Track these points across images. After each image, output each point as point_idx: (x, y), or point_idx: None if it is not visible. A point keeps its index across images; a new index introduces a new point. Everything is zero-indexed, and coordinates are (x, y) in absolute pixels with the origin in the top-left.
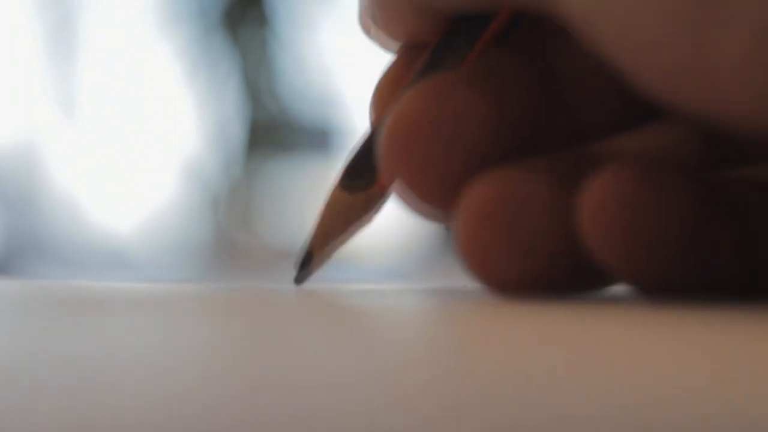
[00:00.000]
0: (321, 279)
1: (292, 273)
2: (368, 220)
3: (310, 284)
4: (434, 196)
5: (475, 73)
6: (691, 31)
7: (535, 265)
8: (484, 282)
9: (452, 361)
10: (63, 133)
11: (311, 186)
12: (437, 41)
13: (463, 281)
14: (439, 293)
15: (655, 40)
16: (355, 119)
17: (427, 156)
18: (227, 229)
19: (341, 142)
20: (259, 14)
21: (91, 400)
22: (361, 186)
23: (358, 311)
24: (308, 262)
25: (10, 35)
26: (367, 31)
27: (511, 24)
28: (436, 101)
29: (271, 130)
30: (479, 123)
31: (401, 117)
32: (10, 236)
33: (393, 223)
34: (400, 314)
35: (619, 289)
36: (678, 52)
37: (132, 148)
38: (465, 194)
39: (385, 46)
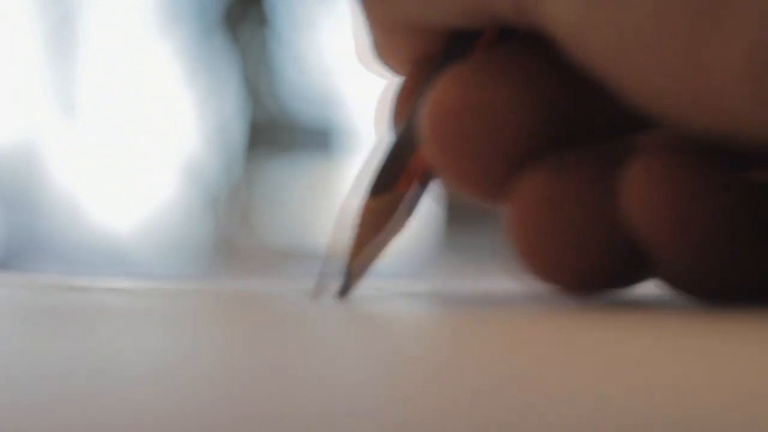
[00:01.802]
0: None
1: (292, 272)
2: (400, 225)
3: (308, 283)
4: (479, 184)
5: (497, 62)
6: (688, 47)
7: (588, 254)
8: (537, 273)
9: (453, 363)
10: (63, 133)
11: (311, 186)
12: (439, 55)
13: (463, 282)
14: (438, 293)
15: (650, 58)
16: (355, 119)
17: (472, 144)
18: (227, 229)
19: (341, 142)
20: (259, 14)
21: (90, 399)
22: (385, 188)
23: (358, 311)
24: (348, 278)
25: (10, 35)
26: (378, 61)
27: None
28: (472, 88)
29: (271, 130)
30: (516, 108)
31: (440, 105)
32: (10, 236)
33: None
34: (400, 315)
35: (631, 297)
36: (675, 69)
37: (132, 148)
38: (516, 186)
39: (398, 72)
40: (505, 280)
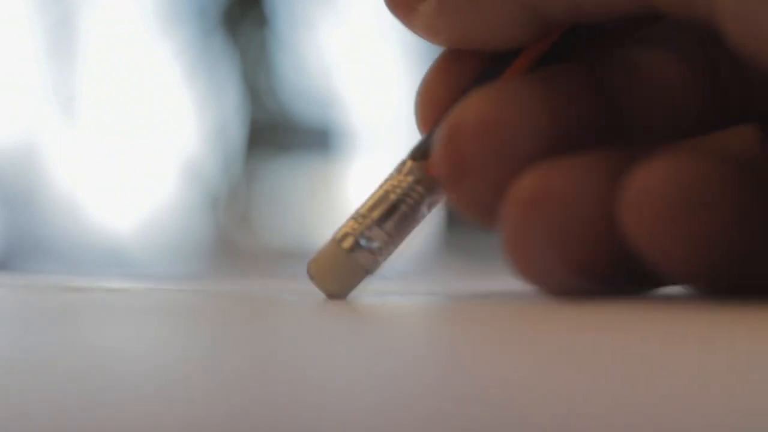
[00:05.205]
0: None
1: (292, 272)
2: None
3: (309, 283)
4: (480, 203)
5: (530, 81)
6: None
7: (578, 255)
8: (526, 275)
9: (453, 363)
10: (63, 133)
11: (311, 186)
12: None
13: (463, 282)
14: (438, 293)
15: None
16: (355, 119)
17: (481, 162)
18: (227, 229)
19: (341, 142)
20: (259, 14)
21: (89, 398)
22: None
23: (358, 311)
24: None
25: (10, 35)
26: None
27: (562, 41)
28: (493, 108)
29: (270, 130)
30: (532, 131)
31: (457, 121)
32: (10, 236)
33: None
34: (400, 315)
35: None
36: None
37: (132, 149)
38: (512, 186)
39: (434, 39)
40: (505, 280)
